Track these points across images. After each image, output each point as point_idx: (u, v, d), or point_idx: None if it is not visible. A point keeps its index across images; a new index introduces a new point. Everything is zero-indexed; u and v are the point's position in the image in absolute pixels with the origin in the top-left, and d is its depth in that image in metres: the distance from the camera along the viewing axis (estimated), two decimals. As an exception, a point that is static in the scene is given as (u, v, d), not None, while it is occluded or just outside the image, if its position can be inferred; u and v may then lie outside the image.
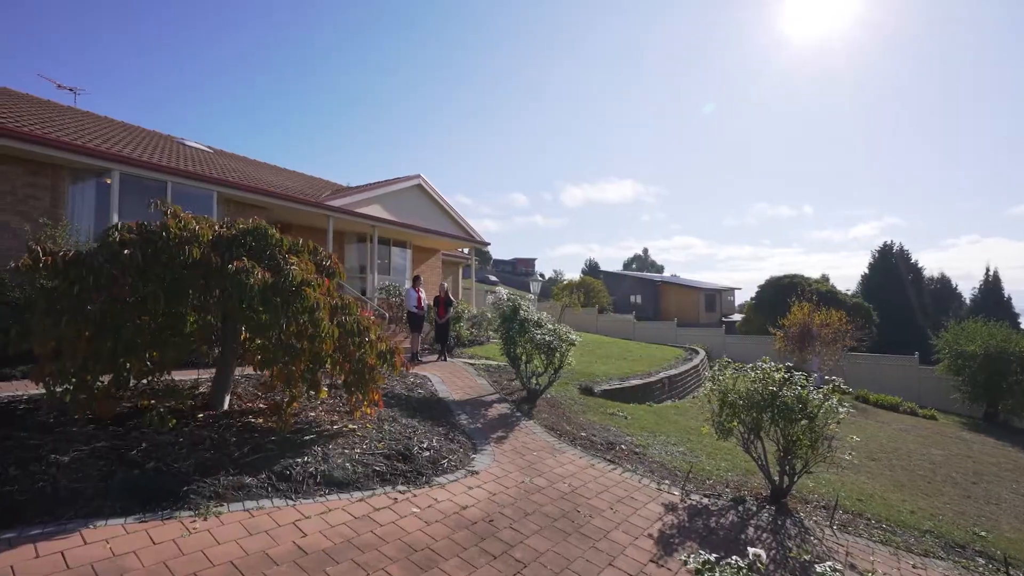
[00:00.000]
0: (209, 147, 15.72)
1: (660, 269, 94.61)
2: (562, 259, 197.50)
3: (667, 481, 5.81)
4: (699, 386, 15.34)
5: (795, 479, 5.63)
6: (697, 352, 20.12)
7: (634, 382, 11.46)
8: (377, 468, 4.77)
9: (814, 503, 5.90)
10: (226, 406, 5.65)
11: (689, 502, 5.25)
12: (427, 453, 5.28)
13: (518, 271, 77.53)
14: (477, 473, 5.16)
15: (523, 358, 8.66)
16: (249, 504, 3.92)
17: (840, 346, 18.95)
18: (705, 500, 5.35)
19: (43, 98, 13.58)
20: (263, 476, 4.27)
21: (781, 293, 26.37)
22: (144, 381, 5.12)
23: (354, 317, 5.27)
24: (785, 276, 27.88)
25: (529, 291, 15.42)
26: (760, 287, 28.87)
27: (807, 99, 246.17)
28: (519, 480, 5.14)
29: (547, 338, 8.11)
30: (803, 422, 5.34)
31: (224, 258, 4.76)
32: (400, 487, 4.60)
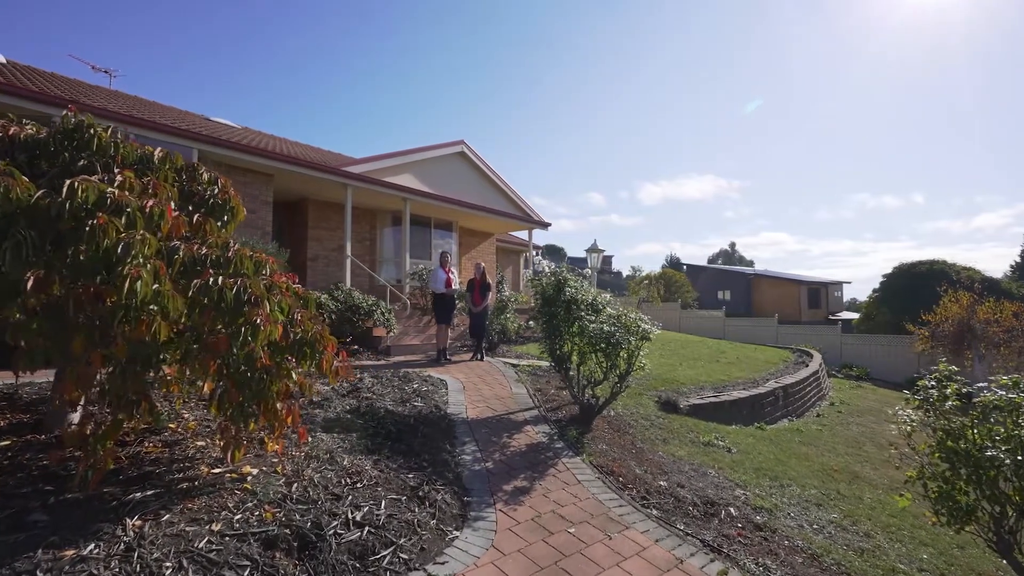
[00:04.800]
0: (240, 125, 14.45)
1: (750, 264, 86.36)
2: (640, 257, 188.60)
3: (836, 608, 2.90)
4: (821, 399, 11.71)
5: None
6: (810, 355, 16.14)
7: (735, 394, 8.33)
8: (227, 574, 2.35)
9: None
10: (70, 426, 3.53)
11: None
12: (353, 535, 2.79)
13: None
14: (443, 584, 2.60)
15: (573, 358, 5.98)
16: None
17: (1017, 348, 14.27)
18: None
19: (71, 77, 12.83)
20: (-48, 600, 1.99)
21: (918, 283, 21.24)
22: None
23: (239, 281, 2.90)
24: (922, 262, 22.47)
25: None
26: (887, 276, 23.59)
27: (915, 74, 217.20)
28: (526, 606, 2.51)
29: (605, 328, 5.37)
30: None
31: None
32: (261, 625, 2.15)
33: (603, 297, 6.12)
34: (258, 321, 2.83)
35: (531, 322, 10.41)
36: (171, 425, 3.85)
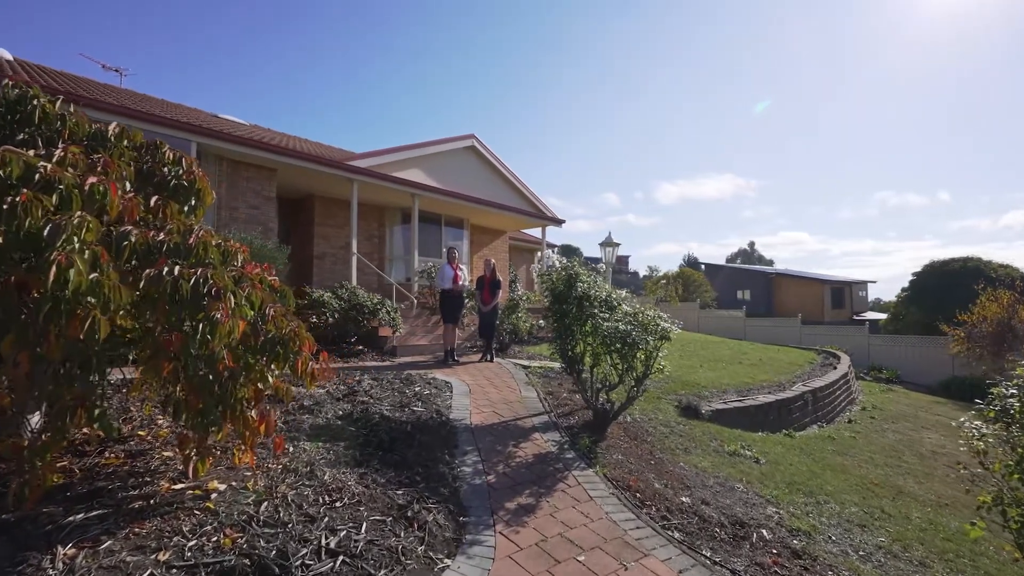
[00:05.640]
0: (249, 123, 14.27)
1: (769, 264, 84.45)
2: (657, 257, 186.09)
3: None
4: (851, 404, 11.05)
5: None
6: (836, 356, 15.41)
7: (762, 398, 7.79)
8: (171, 617, 1.97)
9: None
10: (29, 431, 3.20)
11: None
12: (325, 566, 2.39)
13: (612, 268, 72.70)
14: (427, 629, 2.19)
15: (586, 360, 5.55)
16: None
17: (1062, 351, 13.38)
18: None
19: (81, 75, 12.76)
20: None
21: (950, 281, 20.25)
22: None
23: (199, 271, 2.53)
24: (955, 259, 21.42)
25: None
26: (916, 275, 22.54)
27: (940, 68, 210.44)
28: (524, 660, 2.09)
29: (621, 327, 4.92)
30: None
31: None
32: None
33: (619, 293, 5.66)
34: (217, 316, 2.46)
35: (542, 321, 9.97)
36: (141, 432, 3.51)
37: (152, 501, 2.65)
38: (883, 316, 30.87)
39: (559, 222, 15.77)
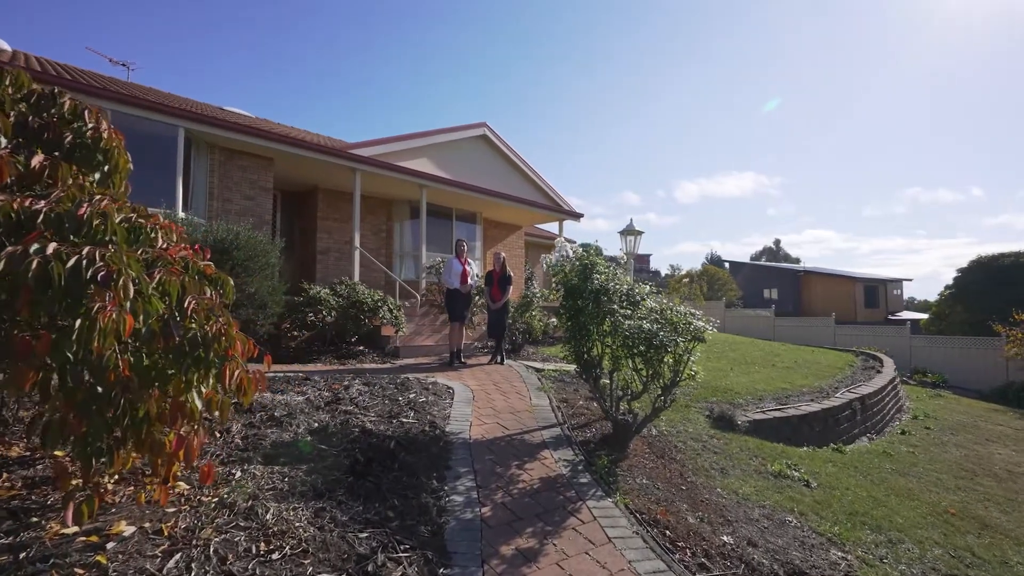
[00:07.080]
0: (257, 117, 13.85)
1: (796, 262, 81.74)
2: (678, 256, 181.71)
3: None
4: (900, 412, 10.02)
5: None
6: (878, 359, 14.28)
7: (804, 407, 6.90)
8: None
9: None
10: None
11: None
12: (233, 660, 1.71)
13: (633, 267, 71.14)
14: None
15: (604, 364, 4.81)
16: None
17: None
18: None
19: (85, 69, 12.48)
20: None
21: (1001, 277, 18.82)
22: None
23: (86, 251, 1.89)
24: (1005, 254, 19.88)
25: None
26: (961, 271, 21.06)
27: (971, 58, 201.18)
28: None
29: (645, 325, 4.16)
30: None
31: None
32: None
33: (642, 288, 4.90)
34: (96, 309, 1.81)
35: (555, 320, 9.23)
36: (59, 452, 2.90)
37: (25, 554, 2.01)
38: (921, 316, 29.26)
39: (577, 216, 14.99)
